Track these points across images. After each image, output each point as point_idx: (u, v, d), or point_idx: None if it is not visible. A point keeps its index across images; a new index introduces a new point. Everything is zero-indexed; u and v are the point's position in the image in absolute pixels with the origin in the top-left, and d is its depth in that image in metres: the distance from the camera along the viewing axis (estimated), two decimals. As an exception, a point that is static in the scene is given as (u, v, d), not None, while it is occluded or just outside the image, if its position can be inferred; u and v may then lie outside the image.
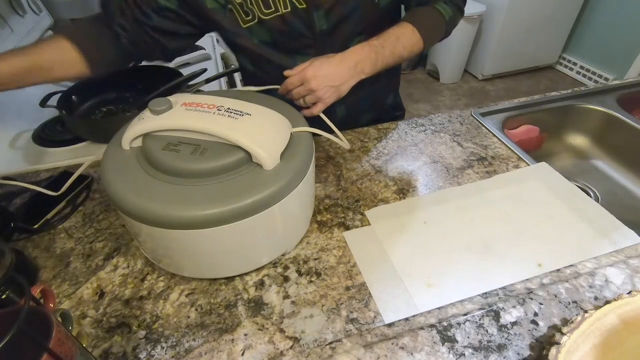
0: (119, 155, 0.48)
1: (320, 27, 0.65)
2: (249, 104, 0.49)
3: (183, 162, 0.44)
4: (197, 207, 0.42)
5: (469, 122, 0.84)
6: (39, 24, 1.10)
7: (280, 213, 0.47)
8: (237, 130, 0.45)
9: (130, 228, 0.49)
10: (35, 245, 0.60)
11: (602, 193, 0.86)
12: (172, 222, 0.42)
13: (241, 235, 0.46)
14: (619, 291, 0.50)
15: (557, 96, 0.92)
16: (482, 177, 0.69)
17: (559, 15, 2.55)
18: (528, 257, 0.55)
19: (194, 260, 0.49)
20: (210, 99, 0.49)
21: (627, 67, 2.42)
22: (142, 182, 0.44)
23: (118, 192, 0.43)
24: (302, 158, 0.48)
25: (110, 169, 0.46)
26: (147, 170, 0.45)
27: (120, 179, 0.45)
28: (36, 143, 0.82)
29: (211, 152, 0.45)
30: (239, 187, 0.44)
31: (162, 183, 0.44)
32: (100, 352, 0.46)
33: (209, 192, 0.43)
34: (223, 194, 0.43)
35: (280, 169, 0.46)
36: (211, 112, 0.46)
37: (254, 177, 0.45)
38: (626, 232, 0.58)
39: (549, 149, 0.95)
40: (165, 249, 0.48)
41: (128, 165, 0.46)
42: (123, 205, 0.43)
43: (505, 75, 2.84)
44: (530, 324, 0.47)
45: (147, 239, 0.48)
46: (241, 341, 0.46)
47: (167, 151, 0.45)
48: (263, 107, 0.50)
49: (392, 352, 0.44)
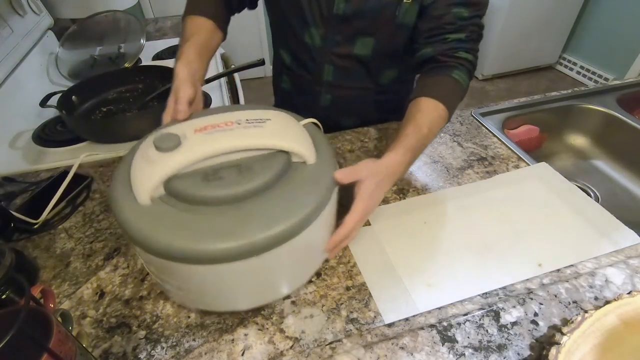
0: (139, 211, 0.39)
1: (336, 10, 0.66)
2: (261, 111, 0.47)
3: (237, 186, 0.40)
4: (278, 222, 0.38)
5: (469, 122, 0.84)
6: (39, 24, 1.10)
7: (333, 208, 0.46)
8: (275, 136, 0.43)
9: (176, 274, 0.41)
10: (35, 245, 0.60)
11: (602, 193, 0.86)
12: (255, 248, 0.38)
13: (310, 240, 0.43)
14: (619, 291, 0.50)
15: (557, 96, 0.92)
16: (482, 177, 0.69)
17: (559, 15, 2.55)
18: (528, 257, 0.55)
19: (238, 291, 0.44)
20: (220, 118, 0.44)
21: (627, 67, 2.42)
22: (191, 223, 0.38)
23: (173, 246, 0.37)
24: (329, 149, 0.48)
25: (142, 229, 0.38)
26: (188, 210, 0.39)
27: (164, 234, 0.37)
28: (36, 143, 0.82)
29: (256, 166, 0.42)
30: (302, 192, 0.41)
31: (214, 216, 0.38)
32: (100, 352, 0.46)
33: (276, 205, 0.40)
34: (294, 204, 0.40)
35: (320, 163, 0.45)
36: (234, 128, 0.43)
37: (305, 178, 0.43)
38: (626, 232, 0.58)
39: (549, 149, 0.95)
40: (220, 284, 0.42)
41: (162, 217, 0.38)
42: (185, 254, 0.37)
43: (505, 75, 2.84)
44: (530, 324, 0.47)
45: (199, 278, 0.41)
46: (241, 341, 0.46)
47: (210, 182, 0.40)
48: (273, 110, 0.48)
49: (392, 352, 0.44)
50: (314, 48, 0.73)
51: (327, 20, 0.69)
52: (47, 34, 1.14)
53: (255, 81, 2.84)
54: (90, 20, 1.17)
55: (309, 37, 0.72)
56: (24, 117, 0.90)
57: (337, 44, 0.71)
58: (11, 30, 0.96)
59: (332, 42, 0.71)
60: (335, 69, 0.75)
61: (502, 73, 2.81)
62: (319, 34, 0.71)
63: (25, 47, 1.00)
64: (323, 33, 0.71)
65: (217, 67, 1.15)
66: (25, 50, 1.01)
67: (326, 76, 0.77)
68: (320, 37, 0.71)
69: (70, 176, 0.67)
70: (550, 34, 2.65)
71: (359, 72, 0.76)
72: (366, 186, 0.47)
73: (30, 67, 1.01)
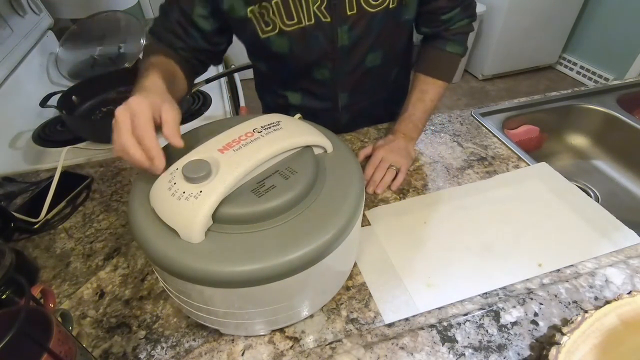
0: (197, 251, 0.35)
1: (342, 42, 0.65)
2: (266, 116, 0.46)
3: (293, 189, 0.38)
4: (348, 208, 0.38)
5: (469, 122, 0.84)
6: (39, 24, 1.10)
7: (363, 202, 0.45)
8: (299, 134, 0.43)
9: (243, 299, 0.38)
10: (35, 245, 0.60)
11: (602, 193, 0.86)
12: (336, 241, 0.37)
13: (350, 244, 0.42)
14: (619, 291, 0.50)
15: (557, 96, 0.92)
16: (482, 177, 0.69)
17: (559, 15, 2.55)
18: (528, 257, 0.55)
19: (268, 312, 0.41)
20: (234, 132, 0.42)
21: (627, 67, 2.42)
22: (250, 244, 0.35)
23: (234, 274, 0.34)
24: (331, 134, 0.48)
25: (208, 266, 0.34)
26: (246, 231, 0.36)
27: (237, 261, 0.34)
28: (36, 143, 0.83)
29: (294, 166, 0.41)
30: (344, 179, 0.42)
31: (277, 227, 0.37)
32: (100, 352, 0.46)
33: (334, 195, 0.40)
34: (345, 191, 0.40)
35: (337, 149, 0.46)
36: (258, 137, 0.41)
37: (334, 165, 0.44)
38: (626, 232, 0.58)
39: (549, 149, 0.95)
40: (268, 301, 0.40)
41: (226, 246, 0.35)
42: (258, 275, 0.34)
43: (505, 75, 2.84)
44: (530, 324, 0.47)
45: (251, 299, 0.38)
46: (241, 341, 0.46)
47: (263, 195, 0.37)
48: (269, 114, 0.47)
49: (392, 352, 0.44)
50: (326, 81, 0.72)
51: (333, 55, 0.67)
52: (47, 34, 1.14)
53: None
54: (90, 20, 1.17)
55: (318, 74, 0.71)
56: (24, 117, 0.90)
57: (348, 73, 0.71)
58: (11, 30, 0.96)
59: (342, 71, 0.70)
60: (350, 92, 0.75)
61: (502, 73, 2.81)
62: (328, 69, 0.69)
63: (25, 47, 1.00)
64: (332, 67, 0.69)
65: (217, 67, 1.14)
66: (25, 50, 1.01)
67: (342, 101, 0.76)
68: (329, 71, 0.70)
69: (57, 173, 0.66)
70: (550, 33, 2.65)
71: (371, 84, 0.76)
72: (379, 144, 0.64)
73: (30, 67, 1.01)
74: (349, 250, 0.44)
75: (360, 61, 0.69)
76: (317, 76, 0.71)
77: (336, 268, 0.44)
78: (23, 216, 0.61)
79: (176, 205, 0.35)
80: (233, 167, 0.37)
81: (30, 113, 0.91)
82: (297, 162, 0.41)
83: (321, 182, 0.41)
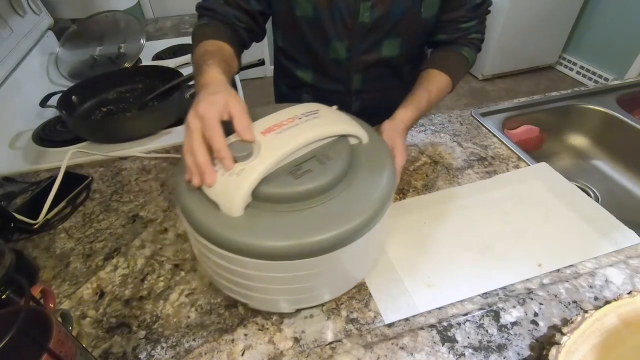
0: (237, 223, 0.38)
1: (362, 19, 0.66)
2: (306, 104, 0.48)
3: (327, 174, 0.40)
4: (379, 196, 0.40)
5: (469, 122, 0.84)
6: (39, 24, 1.10)
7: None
8: (338, 122, 0.45)
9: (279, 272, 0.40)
10: (35, 245, 0.60)
11: (602, 193, 0.86)
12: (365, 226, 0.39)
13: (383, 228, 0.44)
14: (619, 291, 0.50)
15: (557, 96, 0.92)
16: (482, 177, 0.69)
17: (559, 15, 2.55)
18: (528, 257, 0.55)
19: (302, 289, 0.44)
20: (276, 117, 0.44)
21: (627, 67, 2.42)
22: (286, 222, 0.38)
23: (267, 247, 0.36)
24: (367, 125, 0.49)
25: (245, 237, 0.37)
26: (282, 210, 0.39)
27: (271, 236, 0.37)
28: (36, 143, 0.82)
29: (330, 153, 0.42)
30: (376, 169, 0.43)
31: (312, 208, 0.39)
32: (100, 352, 0.46)
33: (367, 184, 0.41)
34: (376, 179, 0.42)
35: (372, 140, 0.47)
36: (298, 123, 0.43)
37: (370, 155, 0.45)
38: (626, 232, 0.58)
39: (549, 149, 0.95)
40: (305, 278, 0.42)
41: (262, 222, 0.38)
42: (296, 250, 0.37)
43: (505, 75, 2.84)
44: (530, 324, 0.47)
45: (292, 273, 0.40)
46: (241, 341, 0.46)
47: (300, 177, 0.39)
48: (314, 103, 0.49)
49: (392, 352, 0.44)
50: (340, 61, 0.72)
51: (351, 32, 0.68)
52: (47, 34, 1.14)
53: (255, 81, 2.84)
54: (90, 20, 1.17)
55: (333, 52, 0.71)
56: (24, 117, 0.90)
57: (364, 52, 0.71)
58: (11, 30, 0.96)
59: (358, 51, 0.70)
60: (364, 76, 0.75)
61: (502, 73, 2.81)
62: (344, 46, 0.70)
63: (25, 47, 1.00)
64: (348, 45, 0.69)
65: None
66: (25, 50, 1.01)
67: (355, 85, 0.77)
68: (346, 49, 0.70)
69: (61, 173, 0.66)
70: (550, 34, 2.65)
71: (386, 73, 0.77)
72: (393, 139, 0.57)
73: (30, 67, 1.01)
74: (377, 237, 0.45)
75: (377, 44, 0.70)
76: (332, 54, 0.72)
77: (361, 254, 0.44)
78: (23, 216, 0.61)
79: (220, 180, 0.38)
80: (274, 149, 0.39)
81: (30, 113, 0.91)
82: (333, 150, 0.43)
83: (355, 170, 0.43)
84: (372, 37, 0.69)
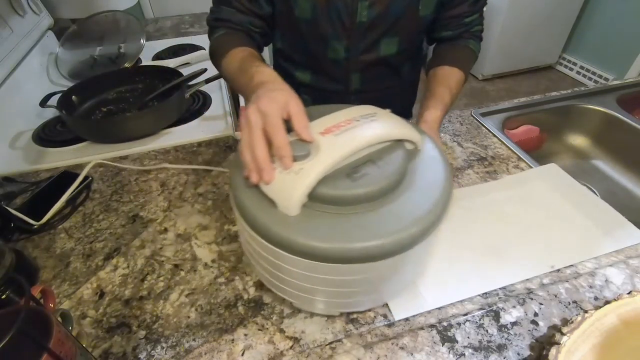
0: (288, 222, 0.37)
1: (360, 18, 0.66)
2: (364, 107, 0.47)
3: (385, 178, 0.39)
4: (435, 204, 0.39)
5: (469, 122, 0.84)
6: (39, 24, 1.10)
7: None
8: (397, 126, 0.44)
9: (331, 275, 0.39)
10: (35, 245, 0.60)
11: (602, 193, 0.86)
12: (422, 234, 0.38)
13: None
14: (619, 291, 0.50)
15: (557, 96, 0.92)
16: (482, 177, 0.69)
17: (559, 15, 2.55)
18: (528, 257, 0.55)
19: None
20: (335, 118, 0.43)
21: (627, 67, 2.42)
22: (343, 225, 0.37)
23: (319, 248, 0.36)
24: (434, 140, 0.49)
25: (299, 237, 0.36)
26: (334, 211, 0.38)
27: (326, 237, 0.36)
28: (36, 143, 0.82)
29: (386, 157, 0.41)
30: (433, 176, 0.42)
31: (360, 213, 0.38)
32: (100, 352, 0.46)
33: (418, 199, 0.40)
34: (434, 188, 0.41)
35: (430, 150, 0.46)
36: (357, 125, 0.42)
37: (425, 162, 0.44)
38: (633, 231, 0.57)
39: (549, 149, 0.95)
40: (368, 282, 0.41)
41: (318, 222, 0.38)
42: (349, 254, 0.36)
43: (505, 75, 2.84)
44: (530, 324, 0.47)
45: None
46: (241, 341, 0.46)
47: (357, 180, 0.39)
48: (369, 105, 0.48)
49: (392, 352, 0.44)
50: (339, 61, 0.73)
51: (350, 31, 0.68)
52: (47, 34, 1.14)
53: (255, 81, 2.84)
54: (90, 20, 1.17)
55: (332, 52, 0.71)
56: (24, 117, 0.90)
57: (363, 52, 0.71)
58: (11, 30, 0.96)
59: (356, 51, 0.71)
60: (363, 76, 0.76)
61: (502, 73, 2.81)
62: (343, 46, 0.70)
63: (25, 47, 1.00)
64: (347, 44, 0.70)
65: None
66: (25, 50, 1.01)
67: (354, 84, 0.77)
68: (345, 49, 0.71)
69: (79, 179, 0.67)
70: (550, 34, 2.65)
71: (384, 72, 0.77)
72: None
73: (30, 67, 1.01)
74: (434, 244, 0.43)
75: (376, 43, 0.70)
76: (331, 54, 0.72)
77: (416, 261, 0.44)
78: (23, 216, 0.61)
79: (278, 178, 0.38)
80: (333, 150, 0.39)
81: (30, 113, 0.91)
82: (390, 154, 0.42)
83: (411, 176, 0.42)
84: (371, 36, 0.69)
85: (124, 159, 0.77)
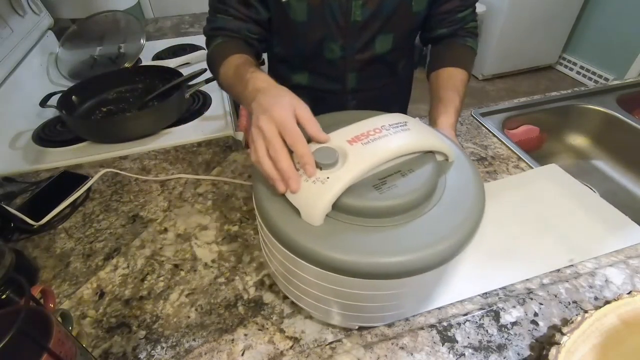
0: (312, 231, 0.36)
1: (354, 17, 0.66)
2: (393, 115, 0.45)
3: (413, 191, 0.38)
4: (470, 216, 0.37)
5: (469, 122, 0.84)
6: (39, 24, 1.10)
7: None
8: (428, 137, 0.42)
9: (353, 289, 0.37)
10: (35, 245, 0.60)
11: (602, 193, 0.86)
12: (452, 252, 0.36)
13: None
14: (619, 291, 0.50)
15: (557, 96, 0.92)
16: (483, 178, 0.69)
17: (559, 15, 2.55)
18: (529, 257, 0.55)
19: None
20: (362, 126, 0.42)
21: (627, 67, 2.42)
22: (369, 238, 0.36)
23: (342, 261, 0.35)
24: (465, 152, 0.47)
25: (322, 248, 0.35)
26: (359, 223, 0.37)
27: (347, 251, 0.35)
28: (36, 143, 0.82)
29: (416, 168, 0.40)
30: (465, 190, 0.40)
31: (386, 227, 0.37)
32: (100, 352, 0.46)
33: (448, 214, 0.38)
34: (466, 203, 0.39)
35: (460, 162, 0.44)
36: (386, 135, 0.41)
37: (456, 175, 0.42)
38: (636, 229, 0.58)
39: (549, 149, 0.95)
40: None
41: (335, 234, 0.36)
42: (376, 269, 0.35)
43: (505, 75, 2.84)
44: (530, 324, 0.47)
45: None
46: (241, 341, 0.46)
47: (384, 192, 0.38)
48: (399, 114, 0.46)
49: (392, 352, 0.44)
50: (335, 61, 0.73)
51: (345, 31, 0.68)
52: (47, 34, 1.14)
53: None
54: (90, 20, 1.17)
55: (328, 53, 0.72)
56: (24, 117, 0.90)
57: (358, 51, 0.71)
58: (11, 30, 0.96)
59: (352, 50, 0.71)
60: (359, 75, 0.76)
61: (502, 73, 2.81)
62: (339, 46, 0.70)
63: (25, 47, 1.00)
64: (342, 44, 0.70)
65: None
66: (25, 50, 1.01)
67: (351, 84, 0.77)
68: (340, 49, 0.71)
69: (88, 185, 0.68)
70: (550, 34, 2.65)
71: (380, 70, 0.77)
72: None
73: (30, 67, 1.01)
74: (455, 269, 0.41)
75: (371, 42, 0.70)
76: (328, 55, 0.72)
77: (444, 279, 0.42)
78: (23, 216, 0.61)
79: (303, 186, 0.37)
80: (360, 160, 0.38)
81: (30, 113, 0.91)
82: (419, 166, 0.41)
83: (441, 189, 0.40)
84: (366, 34, 0.69)
85: (124, 159, 0.77)
